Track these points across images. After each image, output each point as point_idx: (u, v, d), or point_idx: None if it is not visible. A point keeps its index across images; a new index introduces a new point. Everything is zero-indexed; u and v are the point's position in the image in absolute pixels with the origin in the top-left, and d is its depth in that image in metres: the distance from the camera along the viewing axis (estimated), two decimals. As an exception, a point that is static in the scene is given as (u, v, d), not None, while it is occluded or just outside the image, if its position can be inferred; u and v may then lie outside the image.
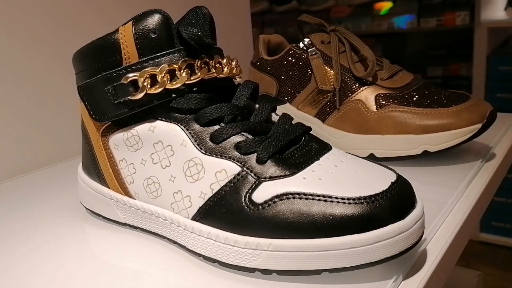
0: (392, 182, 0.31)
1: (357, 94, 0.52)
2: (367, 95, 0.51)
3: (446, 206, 0.40)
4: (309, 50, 0.54)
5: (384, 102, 0.50)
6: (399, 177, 0.33)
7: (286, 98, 0.56)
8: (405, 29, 2.05)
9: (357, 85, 0.52)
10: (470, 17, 1.83)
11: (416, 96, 0.50)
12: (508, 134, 0.58)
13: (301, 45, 0.55)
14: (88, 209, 0.44)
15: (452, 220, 0.39)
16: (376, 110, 0.50)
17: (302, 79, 0.55)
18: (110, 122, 0.38)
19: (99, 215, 0.43)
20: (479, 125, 0.47)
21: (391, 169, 0.34)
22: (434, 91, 0.51)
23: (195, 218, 0.35)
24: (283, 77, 0.56)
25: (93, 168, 0.41)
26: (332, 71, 0.53)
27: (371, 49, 0.52)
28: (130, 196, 0.39)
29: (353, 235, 0.29)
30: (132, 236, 0.40)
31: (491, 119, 0.47)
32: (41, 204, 0.49)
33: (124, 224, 0.41)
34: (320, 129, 0.53)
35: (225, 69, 0.37)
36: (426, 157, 0.49)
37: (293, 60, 0.55)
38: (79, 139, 0.44)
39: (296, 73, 0.55)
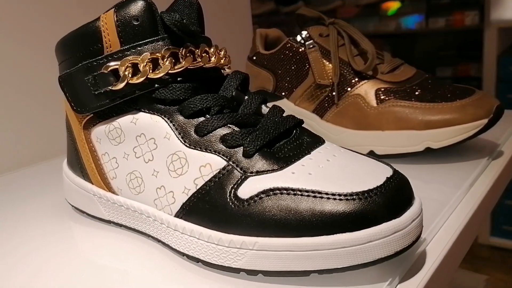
0: (387, 177, 0.29)
1: (356, 88, 0.49)
2: (366, 90, 0.49)
3: (448, 206, 0.38)
4: (306, 43, 0.52)
5: (384, 96, 0.48)
6: (395, 172, 0.30)
7: (283, 93, 0.54)
8: (413, 30, 2.02)
9: (356, 79, 0.50)
10: (480, 17, 1.80)
11: (419, 90, 0.48)
12: (516, 131, 0.55)
13: (299, 38, 0.53)
14: (73, 206, 0.42)
15: (454, 221, 0.37)
16: (376, 105, 0.48)
17: (300, 73, 0.52)
18: (91, 114, 0.36)
19: (83, 212, 0.41)
20: (485, 121, 0.44)
21: (387, 164, 0.32)
22: (438, 85, 0.49)
23: (179, 215, 0.33)
24: (280, 71, 0.54)
25: (76, 162, 0.40)
26: (330, 65, 0.51)
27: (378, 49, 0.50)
28: (113, 192, 0.37)
29: (344, 234, 0.27)
30: (116, 234, 0.38)
31: (497, 115, 0.45)
32: (30, 200, 0.47)
33: (109, 222, 0.39)
34: (318, 125, 0.51)
35: (212, 58, 0.35)
36: (428, 154, 0.46)
37: (290, 54, 0.53)
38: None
39: (294, 67, 0.53)
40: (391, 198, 0.28)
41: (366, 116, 0.48)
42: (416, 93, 0.48)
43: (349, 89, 0.50)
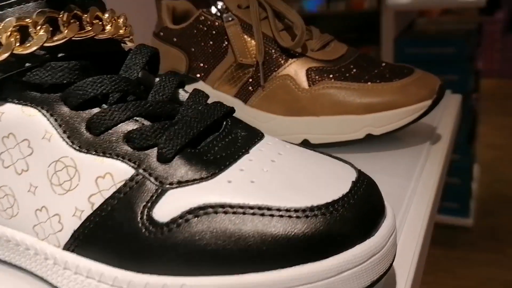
0: (353, 182, 0.22)
1: (284, 68, 0.42)
2: (296, 70, 0.42)
3: (405, 203, 0.32)
4: (223, 16, 0.44)
5: (317, 77, 0.41)
6: (360, 173, 0.24)
7: (198, 75, 0.45)
8: (315, 12, 2.02)
9: (284, 57, 0.42)
10: (377, 0, 1.83)
11: (354, 70, 0.42)
12: (448, 112, 0.52)
13: (214, 10, 0.45)
14: None
15: (415, 220, 0.31)
16: (308, 87, 0.41)
17: (217, 51, 0.44)
18: None
19: None
20: (429, 102, 0.40)
21: (345, 162, 0.25)
22: (373, 63, 0.43)
23: (69, 247, 0.23)
24: (193, 49, 0.45)
25: None
26: (253, 41, 0.43)
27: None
28: (-26, 217, 0.27)
29: (305, 265, 0.20)
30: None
31: (441, 94, 0.40)
32: None
33: (-28, 255, 0.28)
34: (242, 112, 0.43)
35: (108, 27, 0.26)
36: (370, 142, 0.41)
37: (205, 29, 0.44)
38: None
39: (210, 44, 0.44)
40: (362, 210, 0.21)
41: (297, 100, 0.41)
42: (352, 72, 0.41)
43: (276, 69, 0.42)
